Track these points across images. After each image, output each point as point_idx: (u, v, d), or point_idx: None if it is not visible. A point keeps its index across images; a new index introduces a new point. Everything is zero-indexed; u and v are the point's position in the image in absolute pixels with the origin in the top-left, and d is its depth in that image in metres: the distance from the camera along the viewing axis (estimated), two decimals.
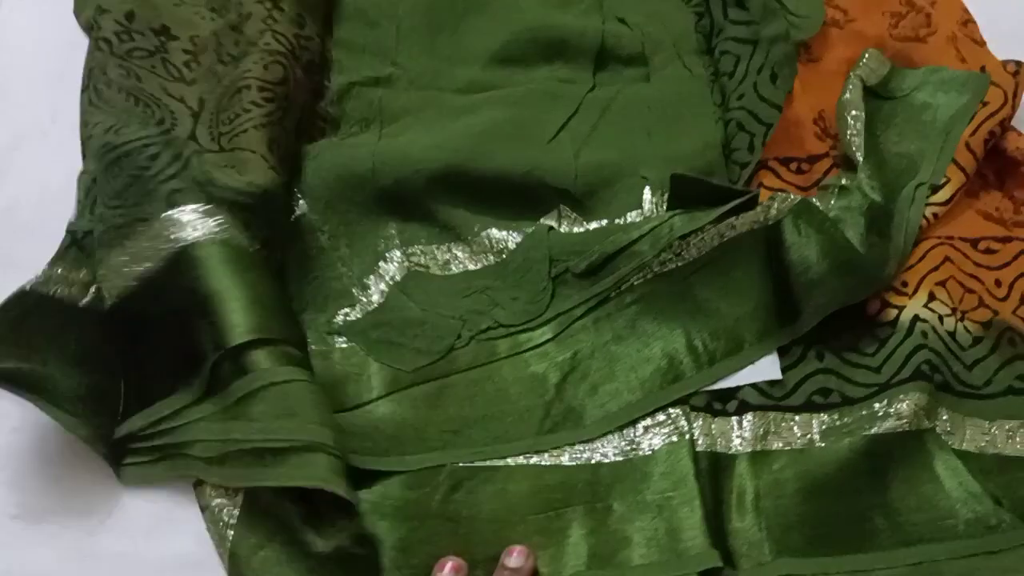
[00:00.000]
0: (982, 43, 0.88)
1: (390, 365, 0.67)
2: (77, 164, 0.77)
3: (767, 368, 0.68)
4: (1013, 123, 0.81)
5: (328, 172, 0.75)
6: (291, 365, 0.62)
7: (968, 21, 0.90)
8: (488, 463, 0.64)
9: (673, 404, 0.67)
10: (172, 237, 0.64)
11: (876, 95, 0.82)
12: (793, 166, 0.79)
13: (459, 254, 0.74)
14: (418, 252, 0.74)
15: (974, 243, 0.75)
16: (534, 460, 0.65)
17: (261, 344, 0.62)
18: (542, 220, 0.75)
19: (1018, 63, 0.82)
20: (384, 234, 0.74)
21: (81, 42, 0.85)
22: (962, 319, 0.71)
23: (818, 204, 0.72)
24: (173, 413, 0.63)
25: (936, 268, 0.73)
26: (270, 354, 0.62)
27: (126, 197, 0.66)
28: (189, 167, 0.67)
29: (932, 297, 0.71)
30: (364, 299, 0.71)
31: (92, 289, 0.67)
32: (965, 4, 0.91)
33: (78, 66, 0.83)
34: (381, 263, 0.73)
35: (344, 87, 0.82)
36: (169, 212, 0.65)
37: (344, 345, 0.69)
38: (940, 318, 0.70)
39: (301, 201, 0.74)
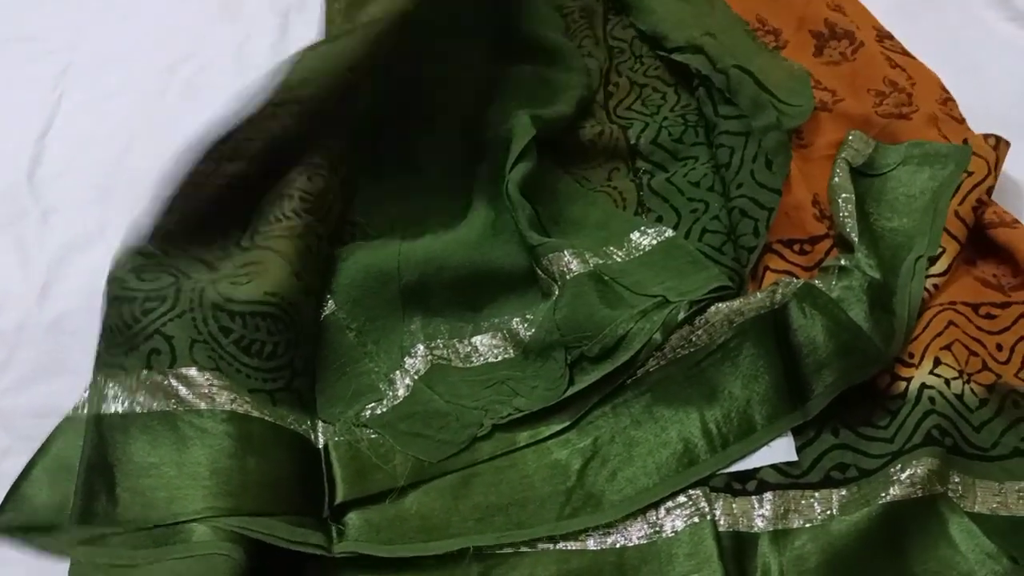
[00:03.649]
0: (961, 120, 0.86)
1: (416, 456, 0.65)
2: None
3: (783, 450, 0.65)
4: (996, 197, 0.78)
5: (357, 272, 0.73)
6: (228, 541, 0.56)
7: (948, 100, 0.89)
8: (514, 549, 0.61)
9: (693, 486, 0.63)
10: (179, 395, 0.61)
11: (863, 174, 0.80)
12: (796, 247, 0.76)
13: (479, 347, 0.72)
14: (440, 346, 0.71)
15: (975, 308, 0.72)
16: (560, 545, 0.61)
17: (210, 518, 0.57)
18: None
19: (997, 137, 0.80)
20: (408, 329, 0.72)
21: (128, 158, 0.87)
22: (968, 381, 0.67)
23: (821, 286, 0.69)
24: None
25: (940, 333, 0.69)
26: (213, 529, 0.56)
27: (110, 339, 0.64)
28: (186, 316, 0.63)
29: (938, 362, 0.68)
30: (391, 393, 0.69)
31: None
32: (943, 83, 0.91)
33: (125, 181, 0.84)
34: (406, 358, 0.70)
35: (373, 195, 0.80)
36: (149, 373, 0.61)
37: (372, 436, 0.66)
38: (947, 382, 0.67)
39: (330, 301, 0.72)
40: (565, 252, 0.72)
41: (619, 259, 0.74)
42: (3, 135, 0.87)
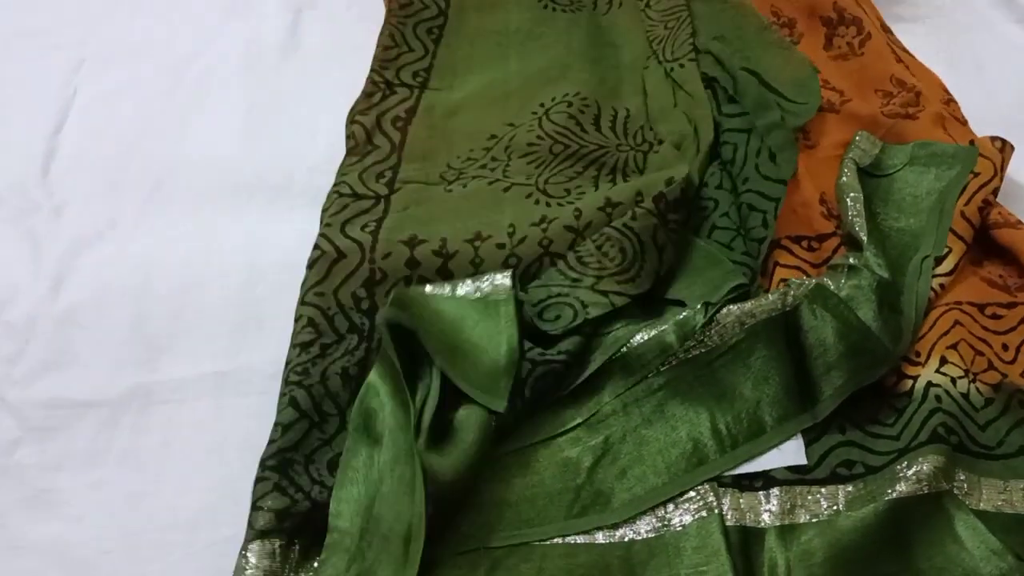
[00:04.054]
0: (964, 122, 0.86)
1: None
2: (133, 269, 0.76)
3: (792, 453, 0.64)
4: (1001, 199, 0.78)
5: None
6: None
7: (950, 100, 0.88)
8: (524, 540, 0.61)
9: (702, 481, 0.63)
10: None
11: (870, 175, 0.79)
12: (804, 244, 0.76)
13: None
14: None
15: (981, 308, 0.71)
16: (569, 539, 0.61)
17: None
18: None
19: (1002, 139, 0.80)
20: None
21: (139, 154, 0.86)
22: (974, 380, 0.67)
23: (830, 284, 0.69)
24: None
25: (947, 332, 0.69)
26: None
27: None
28: None
29: (944, 361, 0.67)
30: None
31: None
32: (944, 84, 0.91)
33: (135, 176, 0.83)
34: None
35: None
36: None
37: None
38: (953, 380, 0.66)
39: None
40: None
41: None
42: (17, 130, 0.87)
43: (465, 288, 0.68)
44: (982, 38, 0.95)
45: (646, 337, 0.68)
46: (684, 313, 0.68)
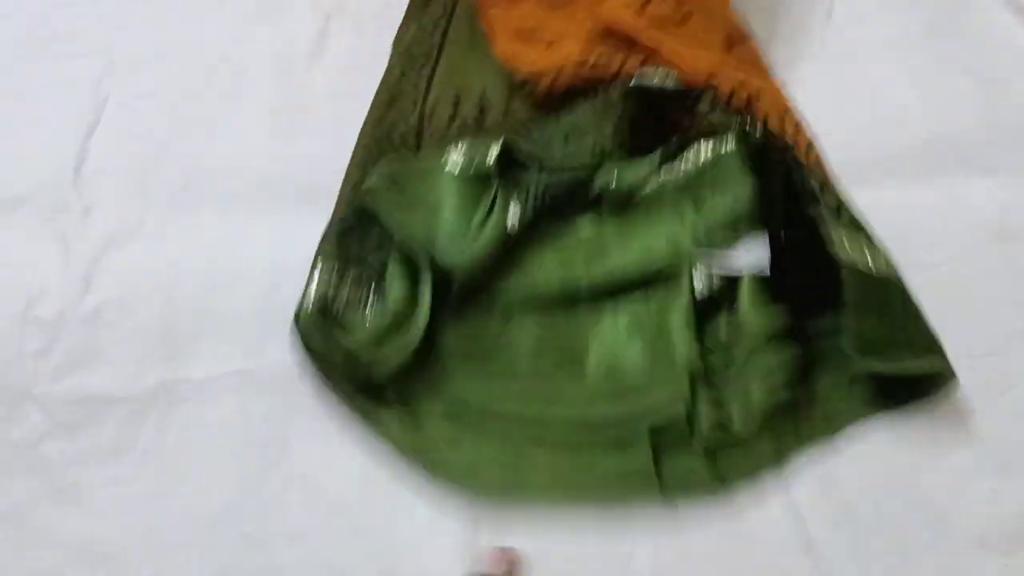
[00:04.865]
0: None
1: None
2: (160, 269, 0.77)
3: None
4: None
5: None
6: None
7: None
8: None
9: None
10: None
11: None
12: None
13: None
14: None
15: None
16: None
17: None
18: None
19: None
20: None
21: (166, 156, 0.88)
22: None
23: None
24: None
25: None
26: None
27: None
28: None
29: None
30: None
31: None
32: None
33: (164, 177, 0.84)
34: None
35: None
36: None
37: None
38: None
39: None
40: None
41: None
42: (49, 133, 0.88)
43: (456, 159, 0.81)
44: (1004, 52, 0.93)
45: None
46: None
